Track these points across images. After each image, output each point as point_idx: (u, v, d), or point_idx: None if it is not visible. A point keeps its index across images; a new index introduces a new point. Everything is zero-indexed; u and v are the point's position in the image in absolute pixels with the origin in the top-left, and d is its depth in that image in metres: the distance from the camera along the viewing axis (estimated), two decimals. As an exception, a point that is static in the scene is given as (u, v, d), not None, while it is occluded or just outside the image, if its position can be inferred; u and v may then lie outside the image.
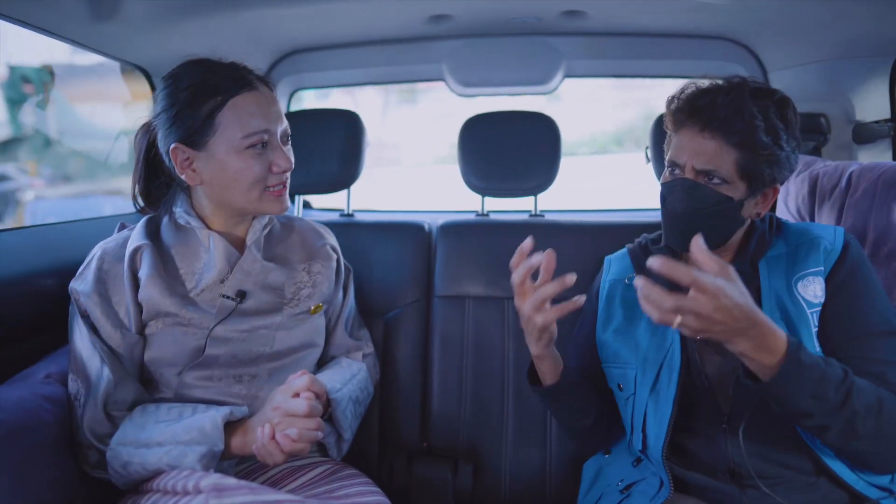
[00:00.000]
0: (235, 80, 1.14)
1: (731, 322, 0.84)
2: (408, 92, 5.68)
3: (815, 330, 1.05)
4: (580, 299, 1.03)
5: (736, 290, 0.85)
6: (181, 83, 1.13)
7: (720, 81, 1.07)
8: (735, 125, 1.01)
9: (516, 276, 1.04)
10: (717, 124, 1.02)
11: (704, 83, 1.08)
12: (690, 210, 1.07)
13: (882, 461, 1.00)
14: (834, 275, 1.07)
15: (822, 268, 1.08)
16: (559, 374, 1.17)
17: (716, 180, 1.05)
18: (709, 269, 0.85)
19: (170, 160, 1.15)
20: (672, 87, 1.15)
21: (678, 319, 0.84)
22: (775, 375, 0.89)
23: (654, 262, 0.84)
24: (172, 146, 1.13)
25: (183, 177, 1.16)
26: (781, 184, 1.10)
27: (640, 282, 0.87)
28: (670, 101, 1.11)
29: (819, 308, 1.06)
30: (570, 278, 1.01)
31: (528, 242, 1.05)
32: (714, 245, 1.08)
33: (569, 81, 2.05)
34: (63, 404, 1.12)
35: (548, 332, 1.08)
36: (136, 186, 1.25)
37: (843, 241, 1.10)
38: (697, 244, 0.86)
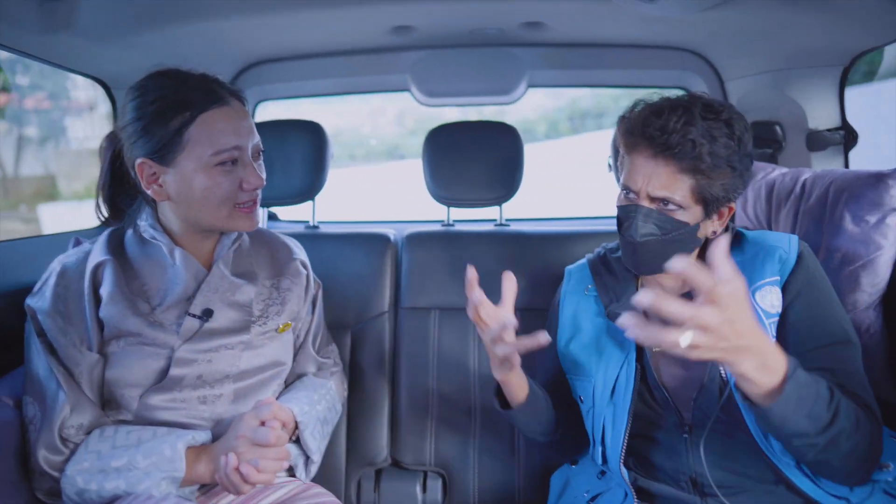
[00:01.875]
0: (206, 93, 1.09)
1: (735, 338, 0.78)
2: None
3: (772, 340, 1.05)
4: (543, 337, 1.02)
5: (746, 304, 0.80)
6: (149, 96, 1.09)
7: (671, 97, 1.07)
8: (687, 151, 1.00)
9: (470, 312, 1.06)
10: (669, 152, 1.01)
11: (655, 99, 1.07)
12: (647, 238, 1.07)
13: (851, 474, 0.98)
14: (790, 284, 1.07)
15: (778, 277, 1.08)
16: (525, 396, 1.17)
17: (671, 206, 1.05)
18: (725, 275, 0.77)
19: (135, 174, 1.11)
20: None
21: (688, 338, 0.76)
22: (780, 397, 0.85)
23: (645, 298, 0.76)
24: (139, 161, 1.09)
25: (149, 192, 1.12)
26: (735, 201, 1.10)
27: (627, 320, 0.77)
28: (621, 120, 1.11)
29: (777, 318, 1.06)
30: (544, 338, 1.02)
31: (471, 273, 1.06)
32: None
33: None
34: (17, 428, 1.08)
35: (508, 361, 1.09)
36: (100, 196, 1.20)
37: (797, 250, 1.10)
38: (720, 247, 0.78)
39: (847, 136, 1.71)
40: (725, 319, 0.76)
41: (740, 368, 0.83)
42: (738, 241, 1.16)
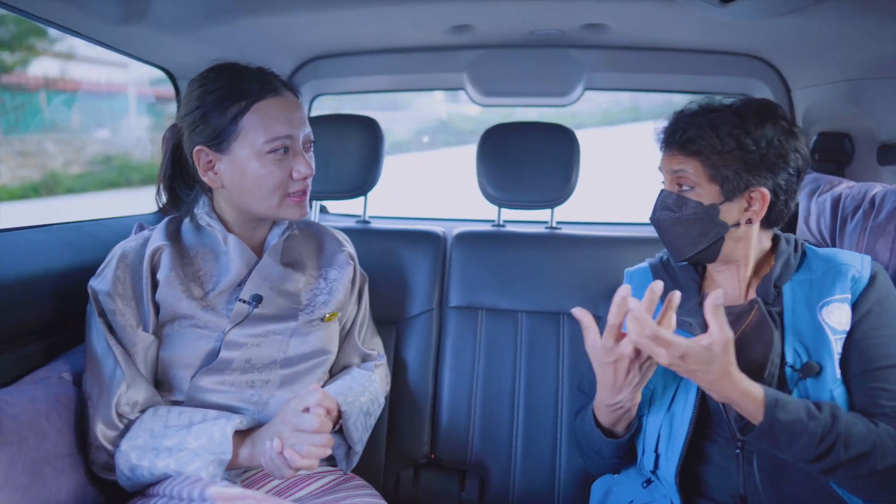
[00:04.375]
0: (261, 84, 1.15)
1: (702, 373, 0.93)
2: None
3: (838, 357, 1.03)
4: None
5: (705, 360, 0.92)
6: (209, 86, 1.15)
7: (694, 107, 1.15)
8: (690, 136, 1.09)
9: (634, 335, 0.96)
10: (676, 143, 1.12)
11: (682, 109, 1.16)
12: (665, 218, 1.14)
13: (888, 500, 0.98)
14: (860, 303, 1.06)
15: (849, 295, 1.06)
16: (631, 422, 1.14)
17: (685, 187, 1.12)
18: (712, 329, 0.92)
19: (193, 161, 1.17)
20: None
21: (665, 358, 0.92)
22: (754, 431, 0.96)
23: (633, 305, 0.94)
24: (196, 148, 1.15)
25: (205, 179, 1.17)
26: (770, 188, 1.09)
27: (629, 325, 0.94)
28: (655, 139, 1.20)
29: (844, 335, 1.04)
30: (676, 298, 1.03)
31: (658, 285, 0.98)
32: (701, 251, 1.11)
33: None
34: (77, 405, 1.13)
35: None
36: (161, 185, 1.25)
37: (871, 270, 1.09)
38: (713, 300, 0.92)
39: (921, 151, 1.63)
40: (674, 361, 0.92)
41: (719, 397, 0.97)
42: (806, 257, 1.15)
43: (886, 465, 0.94)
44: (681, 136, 1.11)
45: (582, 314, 0.99)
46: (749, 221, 1.11)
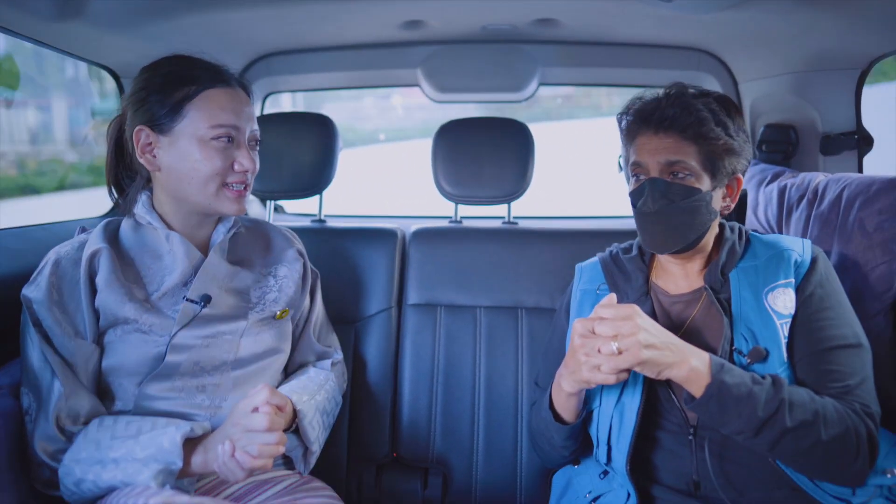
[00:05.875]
0: (213, 73, 1.14)
1: (656, 341, 0.97)
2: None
3: (784, 341, 1.06)
4: None
5: (646, 320, 0.99)
6: (159, 70, 1.14)
7: (660, 92, 1.13)
8: (686, 120, 1.07)
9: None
10: (668, 123, 1.08)
11: (647, 96, 1.14)
12: (664, 207, 1.09)
13: (831, 475, 1.01)
14: (803, 287, 1.09)
15: (792, 279, 1.09)
16: (581, 408, 1.15)
17: (681, 174, 1.09)
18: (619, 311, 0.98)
19: (133, 143, 1.13)
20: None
21: (612, 346, 0.96)
22: (700, 396, 0.97)
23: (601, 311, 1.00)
24: (137, 128, 1.12)
25: (142, 161, 1.14)
26: (743, 174, 1.14)
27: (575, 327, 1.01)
28: (620, 119, 1.17)
29: (789, 319, 1.07)
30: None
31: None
32: (690, 242, 1.11)
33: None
34: (16, 418, 1.08)
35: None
36: (109, 178, 1.23)
37: (812, 254, 1.12)
38: (603, 305, 1.00)
39: (861, 141, 1.69)
40: (635, 325, 0.96)
41: (672, 373, 0.98)
42: (750, 243, 1.17)
43: (831, 436, 0.96)
44: (676, 119, 1.07)
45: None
46: (727, 208, 1.15)
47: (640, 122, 1.12)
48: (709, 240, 1.16)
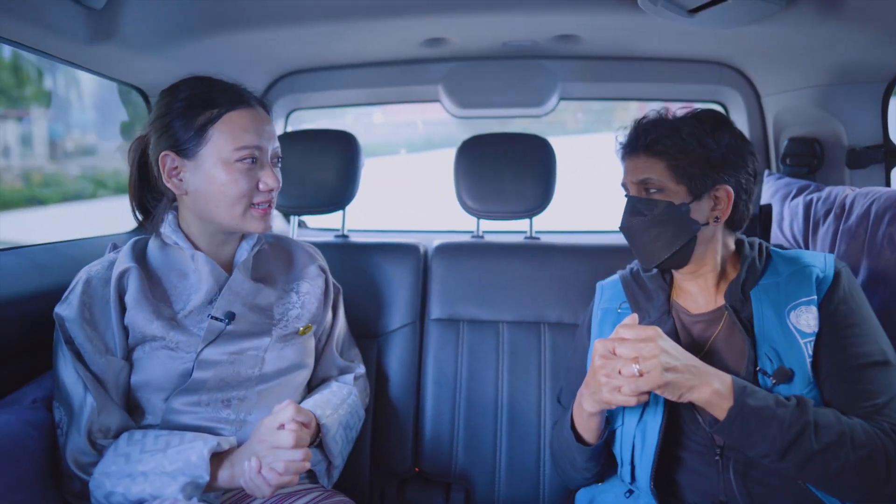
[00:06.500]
0: (233, 95, 1.15)
1: (677, 364, 0.96)
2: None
3: (809, 360, 1.04)
4: None
5: (668, 343, 0.98)
6: (179, 94, 1.15)
7: (653, 114, 1.17)
8: (652, 137, 1.11)
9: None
10: (639, 144, 1.13)
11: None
12: (635, 223, 1.13)
13: (863, 497, 0.98)
14: (826, 303, 1.07)
15: (814, 296, 1.07)
16: (602, 430, 1.14)
17: (652, 189, 1.12)
18: (640, 333, 0.98)
19: (158, 168, 1.15)
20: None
21: (633, 368, 0.96)
22: (723, 419, 0.96)
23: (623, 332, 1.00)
24: (163, 153, 1.14)
25: (169, 185, 1.15)
26: (733, 186, 1.11)
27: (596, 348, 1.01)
28: (616, 150, 1.21)
29: (813, 338, 1.05)
30: None
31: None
32: (674, 254, 1.11)
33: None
34: (50, 430, 1.11)
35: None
36: (133, 200, 1.24)
37: (834, 269, 1.10)
38: (625, 325, 1.00)
39: (889, 154, 1.67)
40: (656, 348, 0.95)
41: (695, 395, 0.97)
42: (771, 259, 1.16)
43: (860, 457, 0.94)
44: (644, 139, 1.12)
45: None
46: (717, 220, 1.13)
47: (622, 149, 1.18)
48: (713, 254, 1.15)
